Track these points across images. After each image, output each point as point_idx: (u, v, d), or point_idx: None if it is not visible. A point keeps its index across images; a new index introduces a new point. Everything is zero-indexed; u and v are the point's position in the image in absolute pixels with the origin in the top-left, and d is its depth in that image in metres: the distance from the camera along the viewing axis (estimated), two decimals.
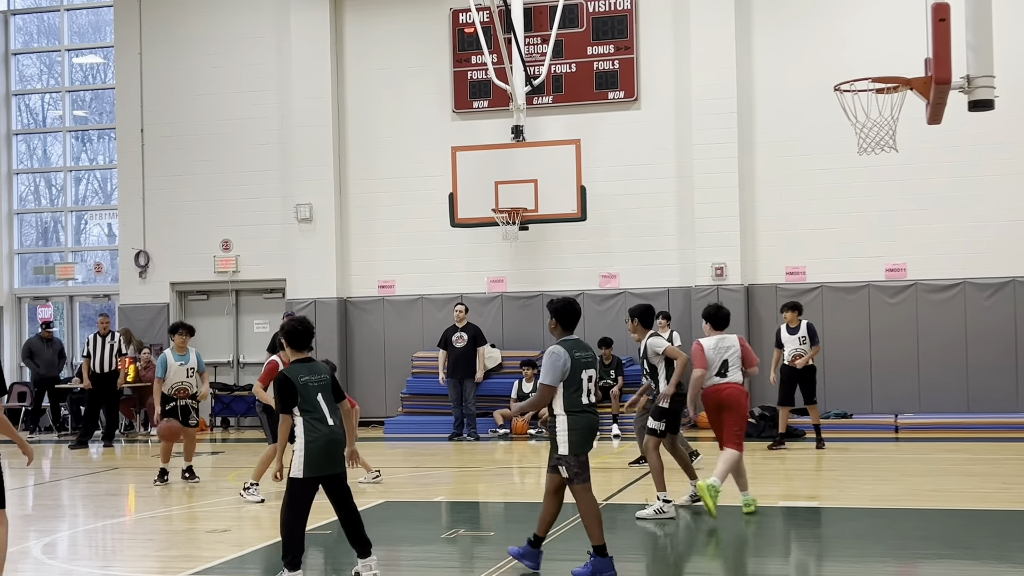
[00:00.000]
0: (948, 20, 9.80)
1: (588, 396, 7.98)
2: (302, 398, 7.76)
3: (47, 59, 23.29)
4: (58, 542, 10.22)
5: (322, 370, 7.99)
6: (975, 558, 8.58)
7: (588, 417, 7.97)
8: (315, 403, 7.77)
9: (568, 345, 7.93)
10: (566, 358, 7.82)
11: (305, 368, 7.90)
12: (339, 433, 7.85)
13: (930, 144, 16.70)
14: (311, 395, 7.78)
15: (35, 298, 22.57)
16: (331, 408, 7.84)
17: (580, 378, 7.88)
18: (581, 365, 7.88)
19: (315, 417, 7.75)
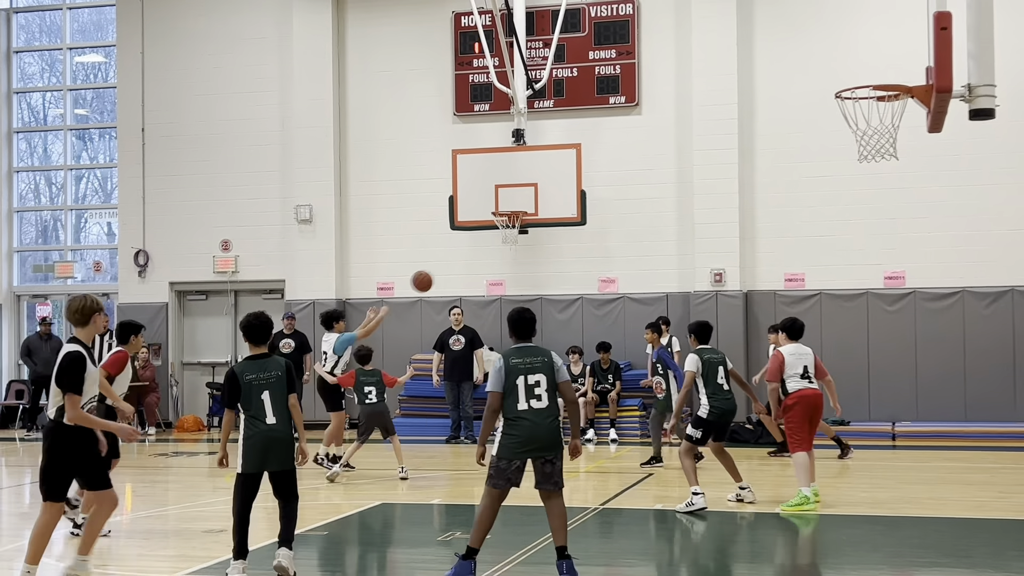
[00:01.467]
0: (950, 29, 9.82)
1: (527, 402, 7.95)
2: (244, 396, 8.01)
3: (48, 57, 23.30)
4: (54, 540, 10.19)
5: (273, 367, 8.10)
6: (971, 566, 8.58)
7: (525, 425, 7.93)
8: (258, 401, 7.99)
9: (506, 352, 8.11)
10: (501, 365, 8.01)
11: (254, 366, 8.09)
12: (279, 431, 8.00)
13: (930, 152, 16.70)
14: (254, 393, 7.99)
15: (34, 296, 22.57)
16: (276, 407, 8.00)
17: (515, 384, 7.95)
18: (517, 371, 7.97)
19: (254, 415, 8.00)
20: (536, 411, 7.96)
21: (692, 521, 10.50)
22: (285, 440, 8.03)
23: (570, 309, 19.02)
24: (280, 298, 20.25)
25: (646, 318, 18.11)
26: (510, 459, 7.95)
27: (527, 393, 7.95)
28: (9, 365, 22.09)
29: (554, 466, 8.03)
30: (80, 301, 7.75)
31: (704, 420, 10.94)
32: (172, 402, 20.60)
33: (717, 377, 11.03)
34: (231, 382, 8.07)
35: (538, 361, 8.05)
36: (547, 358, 8.12)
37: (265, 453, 7.98)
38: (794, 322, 11.56)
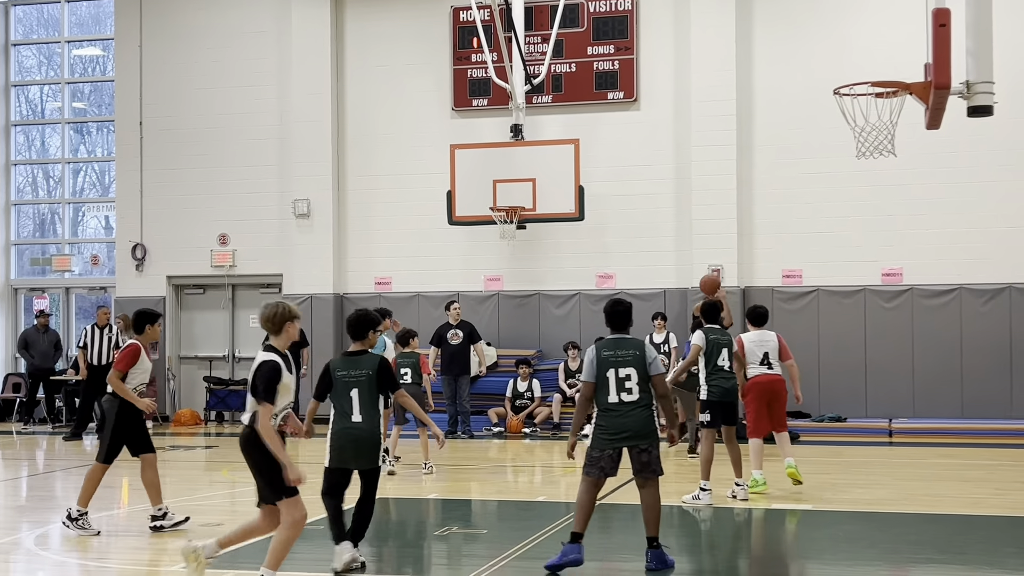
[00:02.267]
0: (948, 26, 9.82)
1: (618, 395, 8.14)
2: (334, 392, 8.21)
3: (47, 50, 23.27)
4: (51, 533, 10.21)
5: (365, 365, 8.18)
6: (967, 563, 8.60)
7: (615, 416, 8.14)
8: (346, 399, 8.14)
9: (600, 344, 8.30)
10: (593, 356, 8.21)
11: (348, 363, 8.24)
12: (363, 431, 8.11)
13: (928, 149, 16.71)
14: (344, 390, 8.15)
15: (31, 289, 22.56)
16: (364, 405, 8.09)
17: (606, 376, 8.13)
18: (608, 364, 8.15)
19: (341, 412, 8.19)
20: (626, 404, 8.17)
21: (688, 516, 10.51)
22: (368, 439, 8.10)
23: (567, 304, 19.02)
24: (278, 292, 20.24)
25: (644, 314, 18.13)
26: (602, 449, 8.20)
27: (617, 386, 8.16)
28: (6, 358, 22.08)
29: (650, 455, 8.24)
30: (273, 308, 7.52)
31: (706, 401, 11.21)
32: (169, 396, 20.59)
33: (719, 358, 11.21)
34: (323, 375, 8.29)
35: (630, 355, 8.23)
36: (639, 352, 8.27)
37: (347, 450, 8.11)
38: (755, 308, 12.00)
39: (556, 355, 18.41)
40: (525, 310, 19.13)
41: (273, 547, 7.28)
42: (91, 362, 18.00)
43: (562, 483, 13.30)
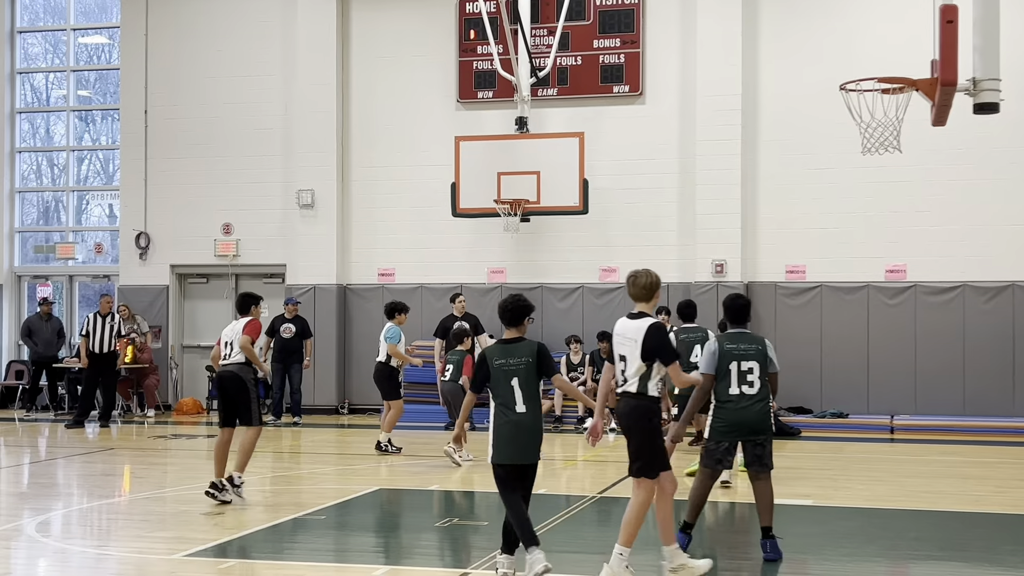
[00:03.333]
0: (956, 22, 9.79)
1: (739, 387, 8.28)
2: (493, 382, 7.71)
3: (52, 38, 23.25)
4: (52, 520, 10.24)
5: (523, 352, 7.70)
6: (967, 560, 8.60)
7: (732, 409, 8.28)
8: (507, 388, 7.66)
9: (721, 337, 8.46)
10: (715, 348, 8.37)
11: (504, 350, 7.74)
12: (528, 420, 7.65)
13: (934, 146, 16.70)
14: (503, 380, 7.66)
15: (35, 277, 22.57)
16: (526, 394, 7.64)
17: (728, 368, 8.29)
18: (731, 356, 8.31)
19: (503, 403, 7.68)
20: (746, 396, 8.30)
21: (682, 511, 10.49)
22: (533, 430, 7.68)
23: (571, 298, 19.01)
24: (281, 283, 20.25)
25: None
26: (718, 441, 8.37)
27: (739, 379, 8.30)
28: (9, 345, 22.09)
29: (764, 449, 8.37)
30: (645, 277, 7.74)
31: (680, 396, 11.45)
32: (171, 385, 20.61)
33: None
34: (480, 365, 7.85)
35: (752, 349, 8.37)
36: (761, 346, 8.44)
37: (512, 444, 7.64)
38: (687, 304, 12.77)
39: (559, 348, 18.40)
40: None
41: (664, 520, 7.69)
42: (93, 350, 18.01)
43: (563, 476, 13.30)
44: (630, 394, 7.55)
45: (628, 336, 7.57)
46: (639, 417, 7.54)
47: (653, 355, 7.46)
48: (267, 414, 18.91)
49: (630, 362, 7.54)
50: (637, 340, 7.50)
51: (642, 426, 7.55)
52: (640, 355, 7.46)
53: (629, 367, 7.55)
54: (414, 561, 8.68)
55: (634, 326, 7.58)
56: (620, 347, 7.62)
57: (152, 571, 8.19)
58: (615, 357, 7.71)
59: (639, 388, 7.51)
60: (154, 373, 19.98)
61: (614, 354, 7.73)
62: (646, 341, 7.45)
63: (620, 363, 7.62)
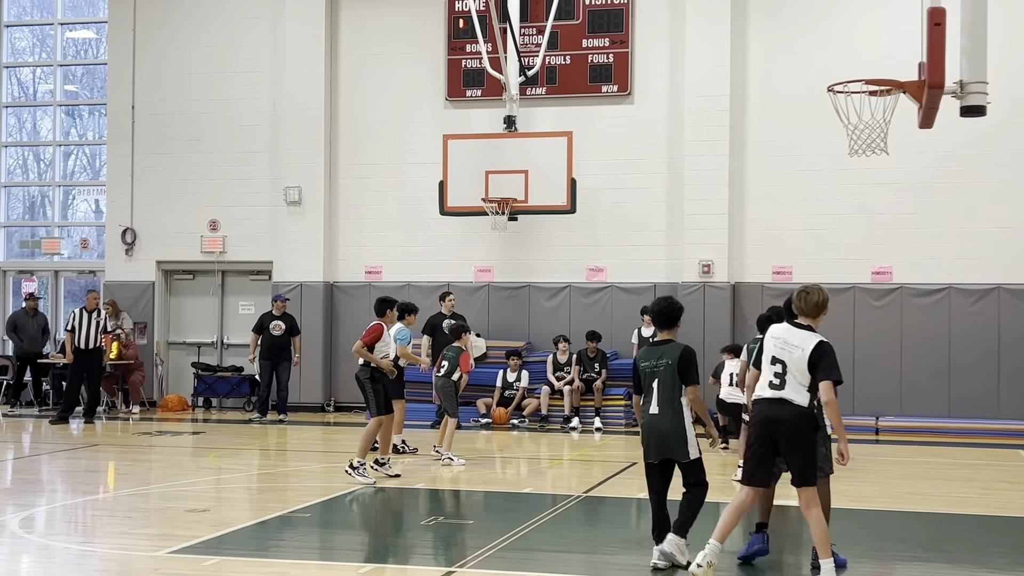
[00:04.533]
0: (943, 25, 9.83)
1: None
2: (640, 383, 8.08)
3: (39, 32, 23.17)
4: (36, 516, 10.19)
5: (667, 354, 7.96)
6: (952, 562, 8.62)
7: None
8: (648, 389, 7.98)
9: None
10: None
11: (650, 352, 8.08)
12: (659, 422, 7.92)
13: (920, 149, 16.76)
14: (646, 381, 8.01)
15: (20, 272, 22.47)
16: (662, 396, 7.88)
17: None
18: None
19: (644, 402, 8.03)
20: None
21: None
22: (665, 432, 7.91)
23: (558, 297, 19.02)
24: (268, 280, 20.20)
25: (634, 308, 18.17)
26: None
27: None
28: None
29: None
30: (817, 295, 7.99)
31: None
32: (157, 381, 20.55)
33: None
34: (634, 368, 8.21)
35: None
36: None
37: (651, 443, 7.98)
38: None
39: (545, 347, 18.40)
40: (515, 302, 19.12)
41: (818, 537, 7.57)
42: (78, 346, 17.94)
43: (548, 475, 13.30)
44: (789, 403, 7.55)
45: (793, 343, 7.64)
46: (804, 427, 7.56)
47: (814, 369, 7.56)
48: (253, 411, 18.89)
49: (791, 370, 7.56)
50: (805, 349, 7.58)
51: (807, 436, 7.59)
52: (807, 366, 7.54)
53: (790, 374, 7.57)
54: (400, 559, 8.67)
55: (801, 335, 7.67)
56: (779, 351, 7.66)
57: (136, 568, 8.15)
58: (765, 360, 7.71)
59: (802, 397, 7.54)
60: (139, 369, 19.91)
61: (764, 357, 7.73)
62: (813, 354, 7.56)
63: (773, 366, 7.64)
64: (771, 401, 7.58)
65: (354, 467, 11.63)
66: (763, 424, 7.62)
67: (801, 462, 7.57)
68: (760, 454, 7.66)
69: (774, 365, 7.62)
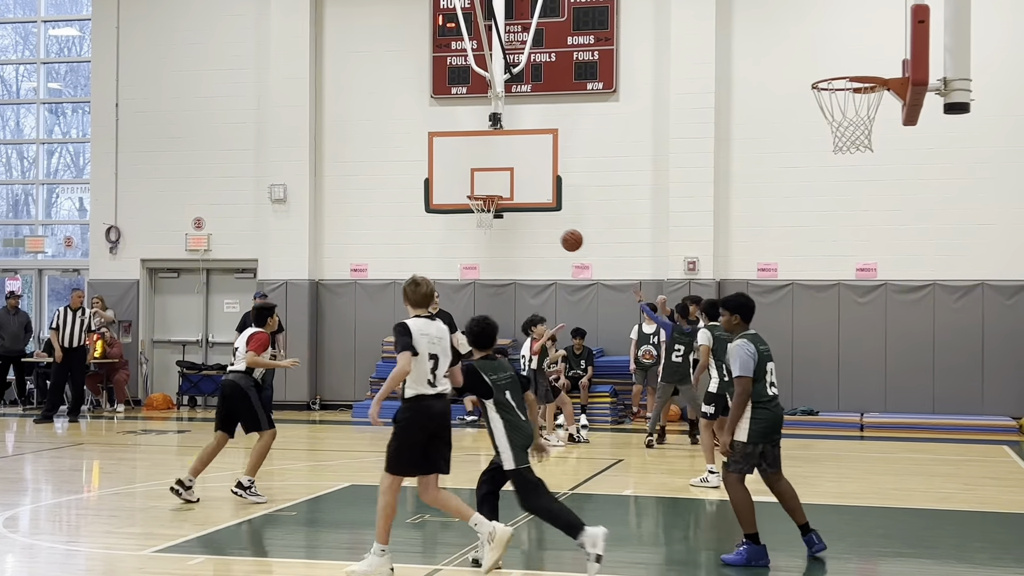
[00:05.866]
0: (927, 22, 9.85)
1: (772, 388, 8.19)
2: (496, 393, 7.77)
3: (22, 30, 23.06)
4: (20, 516, 10.15)
5: (507, 367, 7.91)
6: (935, 557, 8.66)
7: (772, 411, 8.15)
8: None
9: (752, 337, 8.23)
10: (754, 352, 8.10)
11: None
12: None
13: (905, 146, 16.82)
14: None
15: (4, 270, 22.36)
16: (519, 403, 7.80)
17: (766, 370, 8.15)
18: (765, 358, 8.17)
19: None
20: (777, 397, 8.26)
21: (658, 507, 10.53)
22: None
23: (544, 294, 19.02)
24: (252, 277, 20.15)
25: (619, 304, 18.21)
26: (756, 443, 8.11)
27: (772, 380, 8.22)
28: None
29: (779, 449, 8.34)
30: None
31: (715, 395, 11.31)
32: (142, 380, 20.48)
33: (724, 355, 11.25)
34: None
35: (768, 349, 8.34)
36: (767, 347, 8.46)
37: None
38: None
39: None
40: (501, 299, 19.12)
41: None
42: (63, 344, 17.86)
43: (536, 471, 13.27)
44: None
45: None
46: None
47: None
48: None
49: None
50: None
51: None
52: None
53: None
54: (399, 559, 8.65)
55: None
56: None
57: (121, 567, 8.13)
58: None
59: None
60: (124, 368, 19.85)
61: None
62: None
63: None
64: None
65: (244, 487, 10.46)
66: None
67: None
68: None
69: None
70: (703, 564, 8.61)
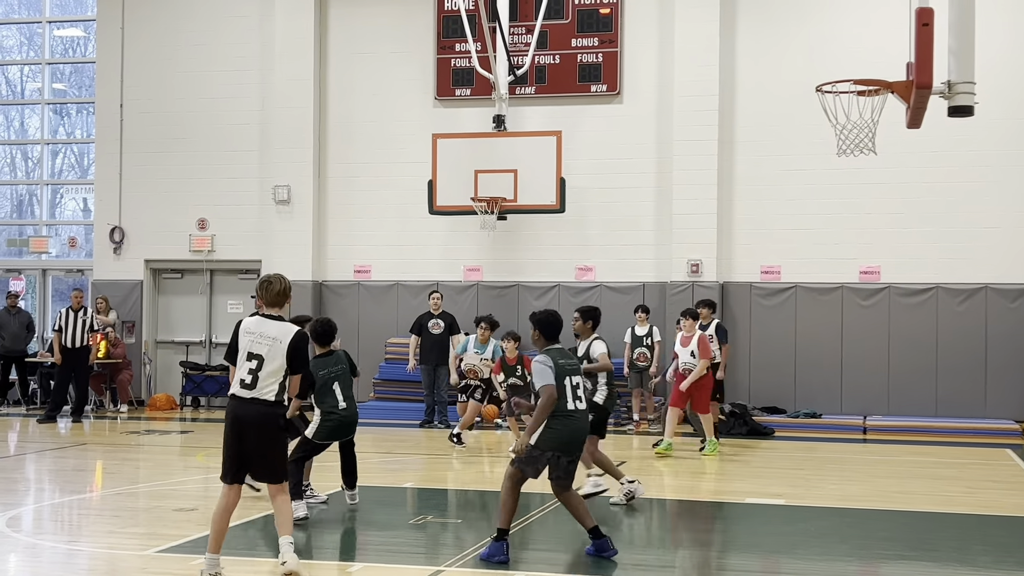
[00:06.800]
0: (931, 25, 9.86)
1: (574, 402, 8.31)
2: (322, 385, 9.74)
3: (27, 31, 23.10)
4: (23, 516, 10.17)
5: (340, 360, 9.82)
6: (937, 560, 8.66)
7: (573, 422, 8.28)
8: (331, 391, 9.78)
9: (553, 354, 8.41)
10: (552, 365, 8.29)
11: (324, 363, 9.74)
12: (352, 414, 10.08)
13: (908, 149, 16.81)
14: (328, 385, 9.75)
15: (7, 271, 22.39)
16: (345, 393, 9.89)
17: (563, 384, 8.26)
18: (565, 372, 8.31)
19: (329, 405, 9.83)
20: (582, 412, 8.46)
21: (657, 510, 10.52)
22: (355, 421, 10.33)
23: (547, 296, 19.02)
24: (256, 278, 20.15)
25: (623, 307, 18.19)
26: (544, 451, 8.27)
27: (578, 395, 8.44)
28: None
29: (574, 465, 8.52)
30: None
31: (599, 406, 10.75)
32: (145, 380, 20.50)
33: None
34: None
35: (575, 363, 8.68)
36: (576, 362, 8.85)
37: (341, 431, 10.05)
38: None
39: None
40: (504, 301, 19.12)
41: None
42: (65, 345, 17.89)
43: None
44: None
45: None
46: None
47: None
48: None
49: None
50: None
51: None
52: None
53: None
54: (388, 558, 8.66)
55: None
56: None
57: (124, 567, 8.14)
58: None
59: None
60: (127, 368, 19.87)
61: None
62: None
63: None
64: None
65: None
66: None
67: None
68: None
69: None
70: (703, 566, 8.60)
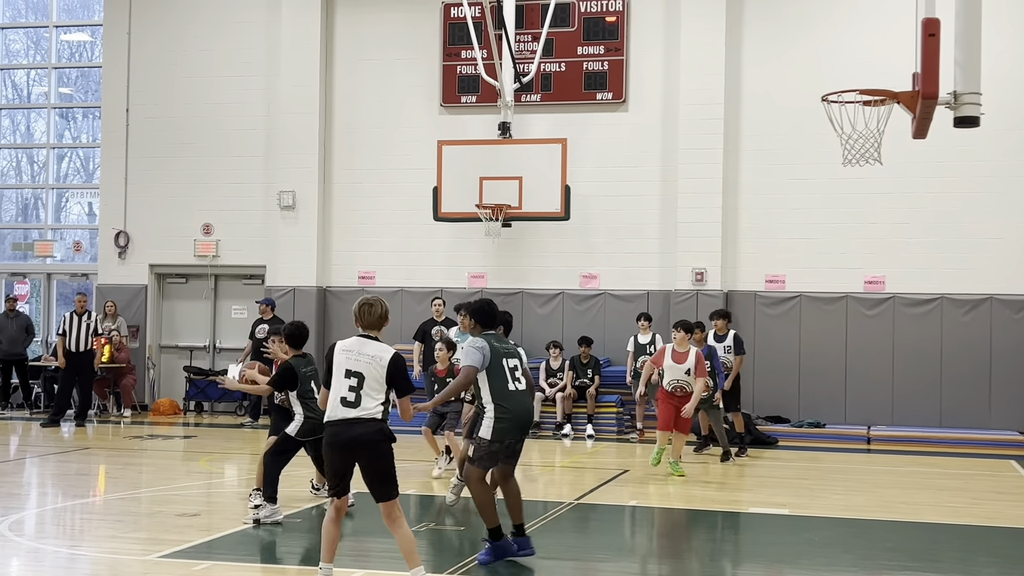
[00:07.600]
0: (938, 36, 9.83)
1: (513, 383, 8.34)
2: (301, 384, 9.69)
3: (34, 35, 23.15)
4: (26, 520, 10.17)
5: (313, 362, 9.90)
6: (942, 571, 8.64)
7: (516, 403, 8.32)
8: (309, 389, 9.73)
9: (488, 338, 8.40)
10: (484, 347, 8.27)
11: (302, 362, 9.78)
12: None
13: (914, 159, 16.79)
14: (306, 384, 9.72)
15: (12, 274, 22.42)
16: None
17: (501, 366, 8.30)
18: (501, 354, 8.33)
19: (311, 405, 9.70)
20: (522, 393, 8.47)
21: (661, 519, 10.50)
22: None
23: (551, 303, 19.02)
24: (260, 284, 20.18)
25: (626, 314, 18.19)
26: (501, 440, 8.33)
27: (517, 376, 8.43)
28: None
29: (521, 445, 8.63)
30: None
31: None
32: (148, 385, 20.51)
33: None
34: (288, 373, 9.70)
35: (511, 347, 8.65)
36: (514, 346, 8.83)
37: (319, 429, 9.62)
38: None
39: (538, 354, 18.38)
40: (508, 308, 19.05)
41: None
42: (69, 349, 17.89)
43: (540, 481, 13.29)
44: None
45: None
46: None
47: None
48: (244, 416, 18.87)
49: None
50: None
51: None
52: None
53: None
54: (390, 565, 8.65)
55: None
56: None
57: (125, 572, 8.14)
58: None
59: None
60: (131, 373, 19.88)
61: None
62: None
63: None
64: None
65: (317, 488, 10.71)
66: None
67: None
68: None
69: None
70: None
